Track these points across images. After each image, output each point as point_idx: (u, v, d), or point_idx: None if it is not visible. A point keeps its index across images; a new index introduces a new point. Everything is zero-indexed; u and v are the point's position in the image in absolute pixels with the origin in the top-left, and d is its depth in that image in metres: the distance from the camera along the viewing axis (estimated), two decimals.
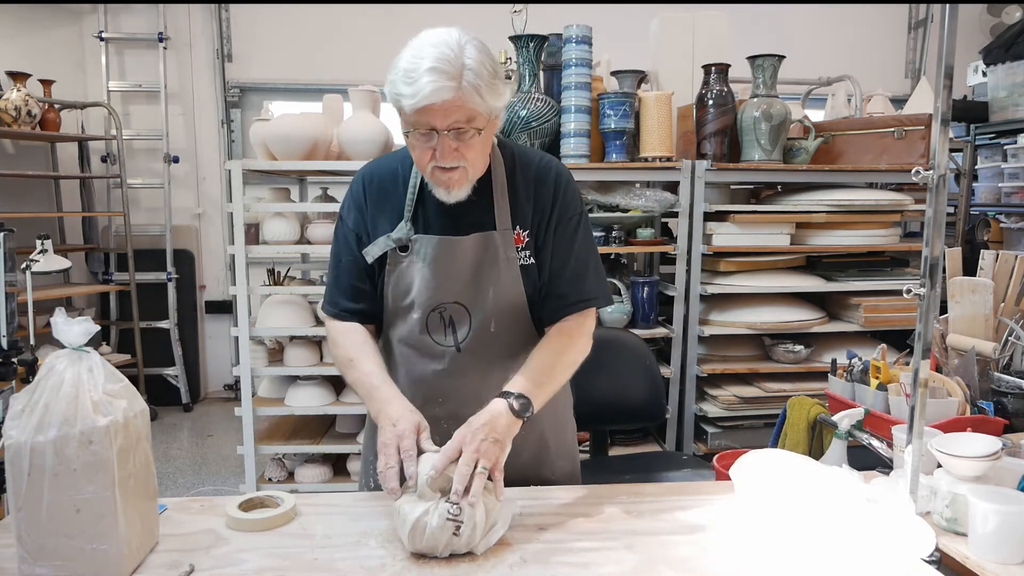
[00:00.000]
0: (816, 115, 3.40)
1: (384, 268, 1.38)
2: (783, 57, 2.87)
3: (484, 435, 1.16)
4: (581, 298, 1.39)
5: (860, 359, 1.91)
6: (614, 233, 2.97)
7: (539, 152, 1.45)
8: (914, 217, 3.32)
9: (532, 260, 1.38)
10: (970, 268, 2.01)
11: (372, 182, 1.41)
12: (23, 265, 2.36)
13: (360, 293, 1.41)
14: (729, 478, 1.34)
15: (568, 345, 1.37)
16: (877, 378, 1.79)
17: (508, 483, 1.20)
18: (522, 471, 1.39)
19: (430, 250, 1.35)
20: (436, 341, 1.38)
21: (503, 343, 1.38)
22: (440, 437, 1.25)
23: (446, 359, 1.38)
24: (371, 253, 1.37)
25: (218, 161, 4.85)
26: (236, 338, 2.92)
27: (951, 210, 4.07)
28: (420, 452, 1.19)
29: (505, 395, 1.24)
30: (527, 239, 1.37)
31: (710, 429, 2.97)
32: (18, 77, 3.87)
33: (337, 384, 3.12)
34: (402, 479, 1.16)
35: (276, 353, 3.09)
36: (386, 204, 1.39)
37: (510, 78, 2.86)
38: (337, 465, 3.16)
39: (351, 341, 1.40)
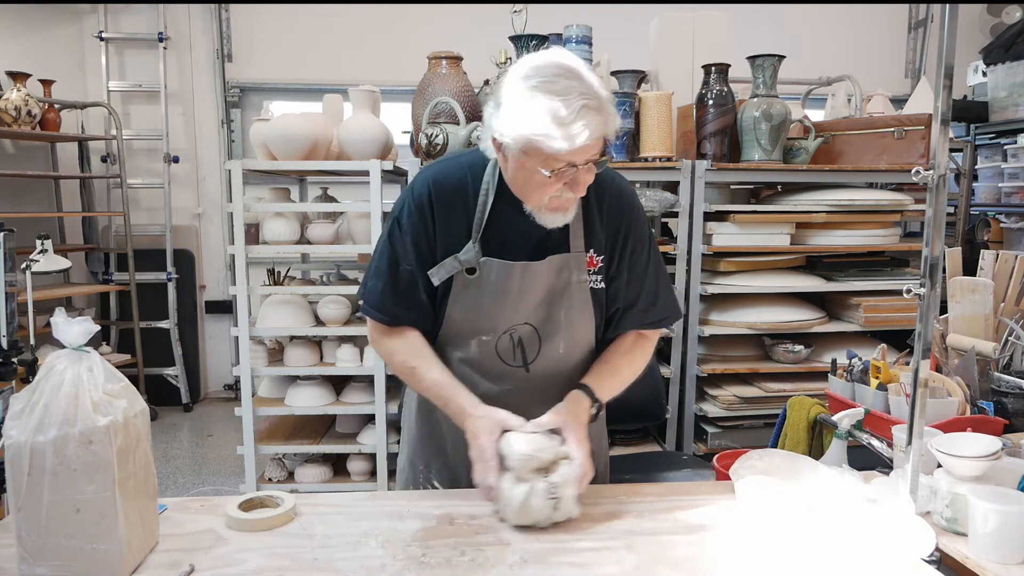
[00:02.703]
0: (816, 115, 3.40)
1: (448, 287, 1.34)
2: (783, 57, 2.87)
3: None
4: (654, 319, 1.43)
5: (860, 359, 1.91)
6: None
7: (609, 170, 1.40)
8: (914, 217, 3.32)
9: (602, 284, 1.38)
10: (970, 268, 2.01)
11: (441, 190, 1.33)
12: (23, 265, 2.36)
13: (417, 305, 1.36)
14: (729, 478, 1.35)
15: (639, 356, 1.43)
16: (877, 378, 1.79)
17: None
18: None
19: (502, 275, 1.31)
20: (505, 362, 1.37)
21: (569, 364, 1.39)
22: None
23: (513, 380, 1.37)
24: (437, 275, 1.32)
25: (218, 161, 4.85)
26: (236, 338, 2.92)
27: (951, 210, 4.07)
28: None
29: (592, 398, 1.33)
30: (600, 263, 1.36)
31: (710, 429, 2.97)
32: (18, 77, 3.87)
33: (337, 384, 3.12)
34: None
35: (276, 353, 3.09)
36: (453, 216, 1.33)
37: None
38: (337, 465, 3.16)
39: (409, 348, 1.37)
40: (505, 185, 1.29)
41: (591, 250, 1.35)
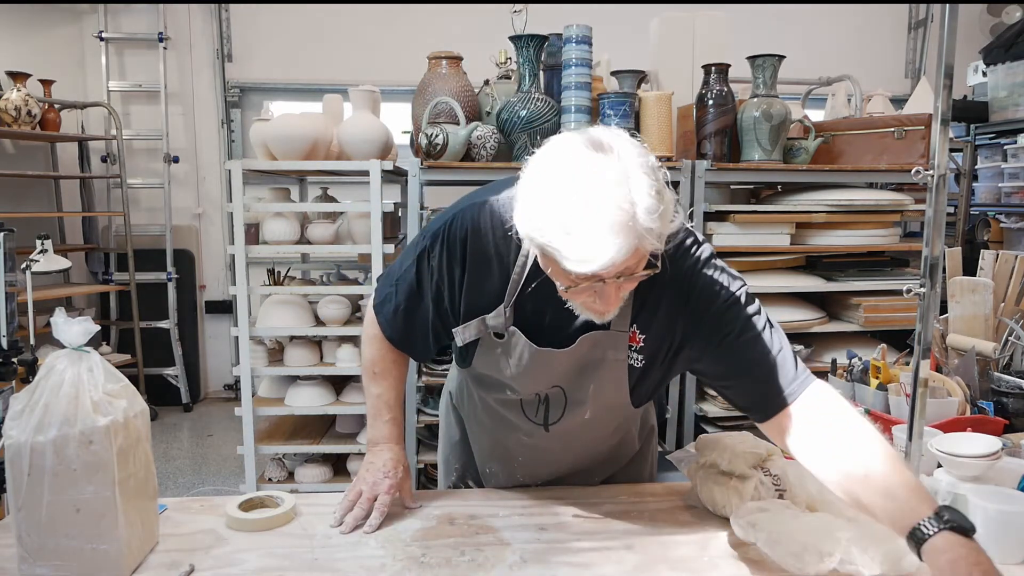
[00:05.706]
0: (816, 115, 3.40)
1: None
2: (783, 57, 2.86)
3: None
4: (798, 378, 1.14)
5: (860, 359, 1.91)
6: None
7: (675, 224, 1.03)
8: (914, 217, 3.32)
9: (641, 364, 1.19)
10: (970, 268, 2.01)
11: (478, 242, 1.16)
12: (23, 265, 2.36)
13: (423, 342, 1.28)
14: None
15: (877, 434, 1.08)
16: (877, 378, 1.79)
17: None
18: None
19: (527, 354, 1.18)
20: (527, 416, 1.29)
21: (593, 427, 1.31)
22: (511, 483, 1.40)
23: (534, 434, 1.31)
24: (461, 336, 1.20)
25: (218, 161, 4.85)
26: (236, 338, 2.91)
27: (951, 210, 4.07)
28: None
29: (954, 529, 0.95)
30: (643, 341, 1.18)
31: (710, 429, 2.96)
32: (18, 77, 3.87)
33: (337, 384, 3.12)
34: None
35: (276, 353, 3.09)
36: (486, 272, 1.17)
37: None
38: (337, 465, 3.16)
39: (386, 357, 1.34)
40: None
41: (634, 325, 1.16)
